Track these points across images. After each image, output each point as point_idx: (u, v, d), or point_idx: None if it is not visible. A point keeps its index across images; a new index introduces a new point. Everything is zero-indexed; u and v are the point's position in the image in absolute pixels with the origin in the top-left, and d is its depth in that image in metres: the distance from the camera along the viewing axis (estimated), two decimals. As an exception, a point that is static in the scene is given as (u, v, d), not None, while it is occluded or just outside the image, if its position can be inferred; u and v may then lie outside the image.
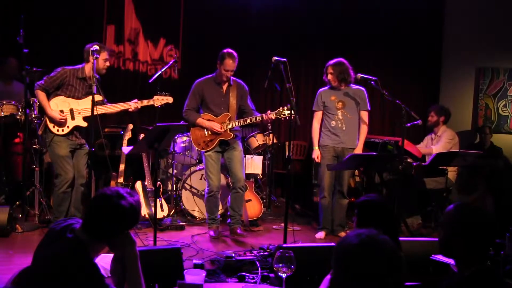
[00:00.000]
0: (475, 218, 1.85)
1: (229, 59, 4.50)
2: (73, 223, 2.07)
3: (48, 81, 4.39)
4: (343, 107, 4.87)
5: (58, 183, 4.45)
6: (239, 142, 4.79)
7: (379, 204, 2.45)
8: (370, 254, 1.44)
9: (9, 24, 5.46)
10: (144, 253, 2.60)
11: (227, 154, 4.73)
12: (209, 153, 4.66)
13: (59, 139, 4.43)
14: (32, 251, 2.04)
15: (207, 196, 4.74)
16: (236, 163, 4.69)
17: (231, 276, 3.33)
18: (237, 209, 4.79)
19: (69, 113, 4.43)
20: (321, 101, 4.96)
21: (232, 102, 4.66)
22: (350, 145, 4.88)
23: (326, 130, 4.93)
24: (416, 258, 3.02)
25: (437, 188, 5.37)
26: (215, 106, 4.67)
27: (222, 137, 4.63)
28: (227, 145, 4.71)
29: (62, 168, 4.43)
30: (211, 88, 4.68)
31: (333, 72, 4.84)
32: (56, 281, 1.88)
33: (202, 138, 4.68)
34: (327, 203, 4.92)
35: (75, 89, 4.45)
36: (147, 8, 6.70)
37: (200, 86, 4.70)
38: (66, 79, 4.41)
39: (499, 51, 6.80)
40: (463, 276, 1.82)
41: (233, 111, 4.66)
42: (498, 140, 6.52)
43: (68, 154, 4.47)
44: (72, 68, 4.45)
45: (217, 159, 4.72)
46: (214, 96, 4.67)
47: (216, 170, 4.70)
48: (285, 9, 7.08)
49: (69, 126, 4.43)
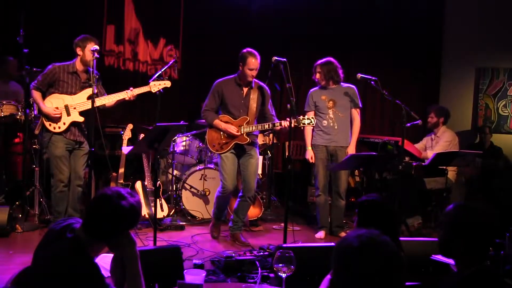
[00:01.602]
0: (475, 218, 1.85)
1: (252, 57, 4.33)
2: (73, 223, 2.07)
3: (40, 80, 4.39)
4: (334, 106, 4.87)
5: (53, 183, 4.46)
6: (257, 149, 4.60)
7: (379, 204, 2.45)
8: (370, 254, 1.44)
9: (9, 24, 5.46)
10: (144, 253, 2.60)
11: (243, 160, 4.54)
12: (225, 154, 4.46)
13: (56, 139, 4.40)
14: (32, 251, 2.04)
15: (220, 194, 4.55)
16: (250, 172, 4.50)
17: (231, 276, 3.34)
18: (241, 216, 4.62)
19: (64, 109, 4.38)
20: (312, 101, 4.96)
21: (252, 106, 4.46)
22: (343, 144, 4.88)
23: (318, 129, 4.93)
24: (416, 258, 3.02)
25: (437, 188, 5.37)
26: (234, 108, 4.47)
27: (238, 140, 4.45)
28: (243, 151, 4.52)
29: (57, 168, 4.41)
30: (231, 89, 4.48)
31: (320, 71, 4.86)
32: (56, 281, 1.88)
33: (217, 140, 4.49)
34: (323, 201, 4.92)
35: (67, 85, 4.40)
36: (147, 8, 6.70)
37: (220, 86, 4.50)
38: (56, 75, 4.38)
39: (499, 51, 6.80)
40: (463, 276, 1.82)
41: (252, 115, 4.46)
42: (498, 140, 6.51)
43: (65, 154, 4.43)
44: (62, 64, 4.43)
45: (234, 160, 4.50)
46: (234, 98, 4.47)
47: (231, 172, 4.48)
48: (285, 9, 7.08)
49: (65, 123, 4.38)
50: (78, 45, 4.36)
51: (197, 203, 5.53)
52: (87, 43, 4.32)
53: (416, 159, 5.50)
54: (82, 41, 4.35)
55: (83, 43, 4.34)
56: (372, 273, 1.42)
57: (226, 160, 4.48)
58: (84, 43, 4.33)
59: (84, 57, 4.36)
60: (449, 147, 5.46)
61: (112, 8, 6.47)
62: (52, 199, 4.54)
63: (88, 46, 4.32)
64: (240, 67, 4.42)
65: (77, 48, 4.36)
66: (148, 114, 6.42)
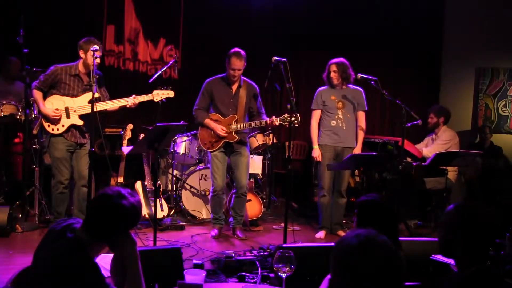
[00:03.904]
0: (475, 218, 1.85)
1: (235, 57, 4.49)
2: (73, 223, 2.07)
3: (42, 80, 4.38)
4: (343, 107, 4.88)
5: (54, 184, 4.45)
6: (247, 147, 4.76)
7: (379, 204, 2.44)
8: (369, 254, 1.44)
9: (9, 24, 5.46)
10: (144, 253, 2.60)
11: (233, 158, 4.72)
12: (215, 153, 4.65)
13: (56, 140, 4.38)
14: (32, 251, 2.04)
15: (211, 195, 4.75)
16: (241, 170, 4.67)
17: (231, 276, 3.33)
18: (239, 211, 4.80)
19: (64, 111, 4.36)
20: (321, 100, 4.96)
21: (241, 104, 4.63)
22: (350, 145, 4.90)
23: (326, 129, 4.93)
24: (416, 258, 3.01)
25: (437, 188, 5.37)
26: (224, 106, 4.64)
27: (227, 139, 4.61)
28: (233, 149, 4.69)
29: (57, 169, 4.41)
30: (220, 87, 4.66)
31: (337, 70, 4.85)
32: (56, 281, 1.88)
33: (208, 138, 4.68)
34: (326, 202, 4.93)
35: (69, 87, 4.39)
36: (147, 8, 6.70)
37: (209, 85, 4.68)
38: (58, 76, 4.37)
39: (499, 51, 6.80)
40: (463, 276, 1.82)
41: (241, 113, 4.62)
42: (498, 140, 6.52)
43: (65, 155, 4.41)
44: (64, 66, 4.41)
45: (223, 159, 4.69)
46: (223, 96, 4.64)
47: (221, 171, 4.67)
48: (285, 9, 7.08)
49: (64, 125, 4.36)
50: (82, 48, 4.33)
51: (197, 203, 5.54)
52: (90, 45, 4.28)
53: (416, 159, 5.50)
54: (86, 43, 4.32)
55: (86, 46, 4.30)
56: (371, 273, 1.42)
57: (215, 159, 4.66)
58: (87, 46, 4.29)
59: (87, 60, 4.34)
60: (448, 147, 5.45)
61: (112, 8, 6.47)
62: (52, 200, 4.54)
63: (90, 49, 4.29)
64: (226, 66, 4.58)
65: (80, 50, 4.34)
66: (148, 114, 6.42)
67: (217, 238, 4.71)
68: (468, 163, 5.23)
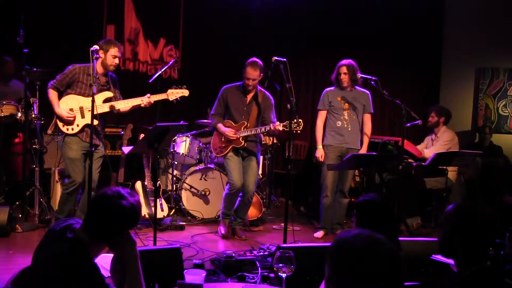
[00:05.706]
0: (475, 218, 1.85)
1: (250, 67, 4.52)
2: (73, 223, 2.07)
3: (59, 79, 4.31)
4: (349, 108, 4.89)
5: (67, 183, 4.35)
6: (258, 154, 4.83)
7: (378, 204, 2.45)
8: (373, 256, 1.43)
9: (9, 24, 5.46)
10: (144, 253, 2.60)
11: (244, 163, 4.74)
12: (230, 154, 4.67)
13: (70, 140, 4.29)
14: (32, 251, 2.04)
15: (227, 192, 4.73)
16: (250, 175, 4.70)
17: (231, 276, 3.33)
18: (241, 215, 4.84)
19: (78, 111, 4.29)
20: (327, 101, 4.97)
21: (254, 112, 4.68)
22: (354, 146, 4.91)
23: (331, 130, 4.94)
24: (416, 258, 3.02)
25: (437, 188, 5.37)
26: (238, 114, 4.69)
27: (234, 144, 4.64)
28: (245, 154, 4.73)
29: (71, 171, 4.29)
30: (235, 95, 4.71)
31: (347, 72, 4.85)
32: (56, 281, 1.88)
33: (218, 143, 4.75)
34: (328, 203, 4.93)
35: (85, 86, 4.31)
36: (147, 8, 6.70)
37: (225, 93, 4.73)
38: (76, 76, 4.30)
39: (499, 51, 6.80)
40: (463, 276, 1.82)
41: (252, 121, 4.67)
42: (498, 140, 6.52)
43: (79, 157, 4.31)
44: (83, 65, 4.34)
45: (237, 160, 4.69)
46: (238, 104, 4.69)
47: (237, 170, 4.65)
48: (285, 9, 7.07)
49: (78, 125, 4.28)
50: (102, 48, 4.25)
51: (197, 203, 5.53)
52: (110, 47, 4.27)
53: (416, 159, 5.50)
54: (106, 44, 4.29)
55: (106, 47, 4.27)
56: (372, 273, 1.42)
57: (231, 159, 4.68)
58: (108, 47, 4.27)
59: (105, 61, 4.31)
60: (448, 147, 5.45)
61: (112, 8, 6.47)
62: (59, 198, 4.50)
63: (111, 51, 4.29)
64: (243, 75, 4.60)
65: (100, 50, 4.22)
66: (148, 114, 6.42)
67: (226, 237, 4.71)
68: (468, 163, 5.23)
